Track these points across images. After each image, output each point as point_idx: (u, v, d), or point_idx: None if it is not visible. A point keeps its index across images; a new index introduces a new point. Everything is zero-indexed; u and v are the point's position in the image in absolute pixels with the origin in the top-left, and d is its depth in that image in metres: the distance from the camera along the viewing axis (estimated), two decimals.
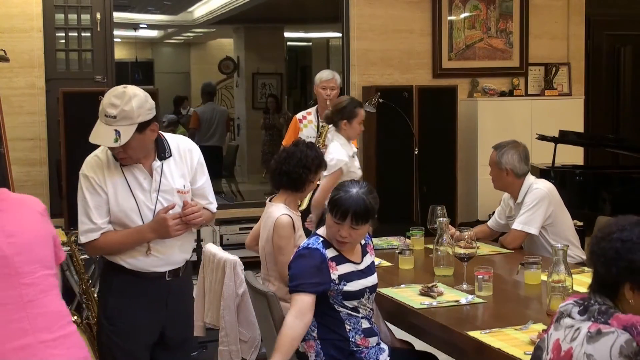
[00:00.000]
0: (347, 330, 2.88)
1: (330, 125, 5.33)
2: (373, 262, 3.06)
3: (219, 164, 9.52)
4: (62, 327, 2.16)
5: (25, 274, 2.12)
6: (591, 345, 1.91)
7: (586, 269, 3.59)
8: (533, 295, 3.27)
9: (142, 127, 2.80)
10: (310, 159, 3.55)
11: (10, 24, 6.40)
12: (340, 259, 2.89)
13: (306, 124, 5.77)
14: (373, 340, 2.92)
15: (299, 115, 5.86)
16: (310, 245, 2.88)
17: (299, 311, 2.77)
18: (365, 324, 2.91)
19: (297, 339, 2.78)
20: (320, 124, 5.69)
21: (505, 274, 3.62)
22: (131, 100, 2.78)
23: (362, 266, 2.95)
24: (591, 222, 4.58)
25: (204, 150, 3.26)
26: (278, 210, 3.46)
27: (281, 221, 3.41)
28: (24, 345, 2.04)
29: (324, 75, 5.74)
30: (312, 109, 5.85)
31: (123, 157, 2.86)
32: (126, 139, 2.77)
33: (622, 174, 6.41)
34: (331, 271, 2.84)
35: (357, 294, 2.89)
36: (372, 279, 2.97)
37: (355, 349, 2.88)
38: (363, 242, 3.02)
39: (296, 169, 3.51)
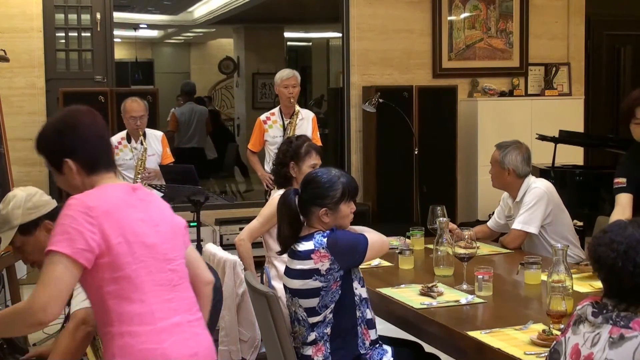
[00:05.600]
0: (357, 317, 2.87)
1: (299, 120, 5.46)
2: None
3: (203, 167, 9.27)
4: (197, 311, 2.32)
5: (171, 260, 2.26)
6: (613, 351, 1.88)
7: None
8: (533, 295, 3.26)
9: (24, 229, 2.69)
10: (281, 155, 3.90)
11: (10, 24, 6.40)
12: None
13: (271, 125, 5.75)
14: (372, 333, 2.92)
15: (262, 117, 5.81)
16: None
17: None
18: (368, 315, 2.92)
19: None
20: (285, 122, 5.68)
21: (505, 274, 3.62)
22: (9, 203, 2.68)
23: None
24: (591, 222, 4.57)
25: (185, 152, 3.22)
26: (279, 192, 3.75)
27: (275, 197, 3.72)
28: (176, 323, 2.21)
29: (284, 74, 5.73)
30: (275, 109, 5.81)
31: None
32: (5, 245, 2.71)
33: None
34: None
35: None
36: None
37: (362, 352, 2.87)
38: None
39: (277, 169, 3.92)
